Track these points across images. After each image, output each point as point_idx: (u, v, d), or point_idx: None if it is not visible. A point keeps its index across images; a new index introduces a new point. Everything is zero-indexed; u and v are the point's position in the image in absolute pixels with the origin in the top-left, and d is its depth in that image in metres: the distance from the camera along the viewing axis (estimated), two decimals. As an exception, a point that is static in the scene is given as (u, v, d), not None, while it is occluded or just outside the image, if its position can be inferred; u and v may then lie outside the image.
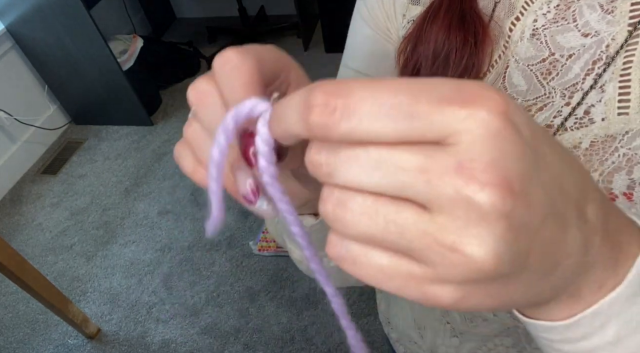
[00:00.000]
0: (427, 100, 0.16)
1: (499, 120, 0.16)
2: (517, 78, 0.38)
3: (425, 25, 0.40)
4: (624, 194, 0.33)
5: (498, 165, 0.16)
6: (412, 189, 0.17)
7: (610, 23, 0.34)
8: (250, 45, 0.25)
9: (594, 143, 0.35)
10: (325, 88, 0.18)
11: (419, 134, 0.17)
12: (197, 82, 0.24)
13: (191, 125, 0.26)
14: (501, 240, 0.16)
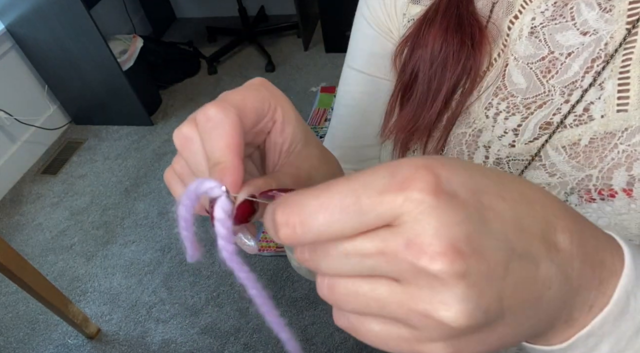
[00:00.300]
0: (368, 196, 0.19)
1: (431, 196, 0.18)
2: (516, 76, 0.39)
3: (423, 29, 0.41)
4: (623, 190, 0.33)
5: (441, 234, 0.18)
6: (379, 269, 0.19)
7: (608, 21, 0.34)
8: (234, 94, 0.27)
9: (593, 140, 0.35)
10: (282, 207, 0.20)
11: (370, 224, 0.19)
12: (182, 127, 0.26)
13: (179, 161, 0.28)
14: (465, 298, 0.18)
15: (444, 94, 0.41)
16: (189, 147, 0.26)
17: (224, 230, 0.23)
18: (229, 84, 2.69)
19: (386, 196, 0.18)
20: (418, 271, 0.18)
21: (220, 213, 0.23)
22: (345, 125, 0.53)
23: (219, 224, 0.23)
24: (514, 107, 0.39)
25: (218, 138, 0.24)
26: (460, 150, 0.42)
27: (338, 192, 0.19)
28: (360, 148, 0.53)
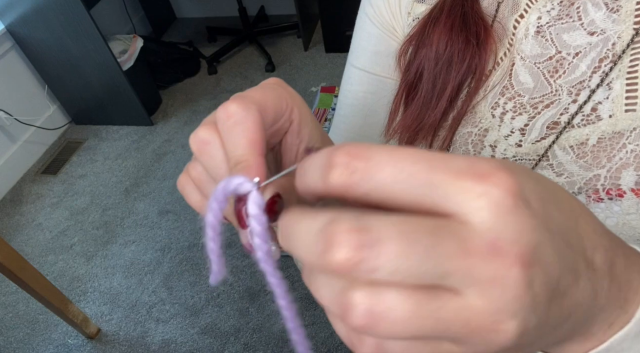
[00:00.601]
0: (443, 171, 0.17)
1: (512, 199, 0.16)
2: (523, 75, 0.39)
3: (427, 28, 0.41)
4: (632, 190, 0.33)
5: (520, 240, 0.16)
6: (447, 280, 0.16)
7: (615, 21, 0.34)
8: (253, 91, 0.25)
9: (601, 140, 0.35)
10: (347, 149, 0.18)
11: (432, 203, 0.17)
12: (198, 131, 0.25)
13: (195, 167, 0.27)
14: (529, 310, 0.17)
15: (449, 93, 0.40)
16: (207, 151, 0.25)
17: (259, 227, 0.21)
18: (229, 84, 2.69)
19: (463, 180, 0.17)
20: (495, 279, 0.16)
21: (255, 208, 0.21)
22: (348, 124, 0.53)
23: (254, 221, 0.21)
24: (521, 106, 0.39)
25: (240, 135, 0.23)
26: (466, 150, 0.42)
27: (413, 156, 0.17)
28: None
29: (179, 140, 2.39)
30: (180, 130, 2.45)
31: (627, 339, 0.22)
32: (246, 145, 0.23)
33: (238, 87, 2.65)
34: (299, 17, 2.66)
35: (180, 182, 0.28)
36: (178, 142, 2.38)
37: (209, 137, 0.25)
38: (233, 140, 0.23)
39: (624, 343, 0.22)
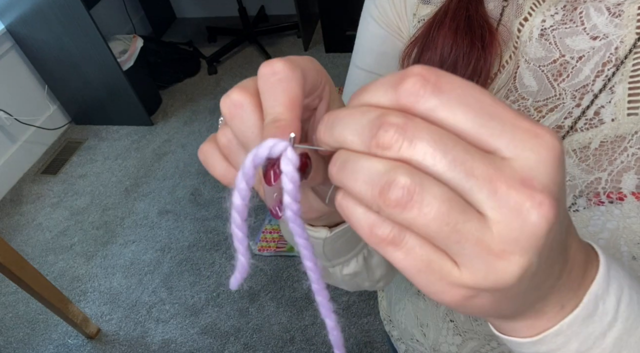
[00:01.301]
0: (506, 109, 0.18)
1: (560, 149, 0.18)
2: (528, 79, 0.39)
3: (432, 31, 0.41)
4: (632, 194, 0.33)
5: (553, 187, 0.18)
6: (477, 195, 0.18)
7: (618, 26, 0.34)
8: (294, 57, 0.25)
9: (603, 143, 0.35)
10: (423, 66, 0.19)
11: (489, 134, 0.18)
12: (231, 93, 0.24)
13: (225, 134, 0.26)
14: (537, 254, 0.18)
15: None
16: (239, 114, 0.24)
17: (292, 185, 0.21)
18: (229, 84, 2.69)
19: (522, 120, 0.18)
20: (519, 211, 0.17)
21: (288, 166, 0.21)
22: None
23: (287, 179, 0.21)
24: (525, 109, 0.39)
25: (282, 93, 0.23)
26: None
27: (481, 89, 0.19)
28: None
29: (179, 140, 2.39)
30: (180, 130, 2.45)
31: (575, 323, 0.23)
32: (287, 103, 0.23)
33: (238, 87, 2.65)
34: (299, 17, 2.66)
35: (203, 151, 0.27)
36: (178, 142, 2.38)
37: (242, 99, 0.24)
38: (275, 96, 0.23)
39: (573, 327, 0.23)
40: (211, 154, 0.27)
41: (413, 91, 0.18)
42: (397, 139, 0.18)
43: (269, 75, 0.23)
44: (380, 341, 1.52)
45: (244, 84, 0.25)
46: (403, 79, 0.19)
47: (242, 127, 0.24)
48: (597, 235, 0.35)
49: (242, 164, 0.22)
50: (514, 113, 0.18)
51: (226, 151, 0.26)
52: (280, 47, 2.89)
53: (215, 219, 1.98)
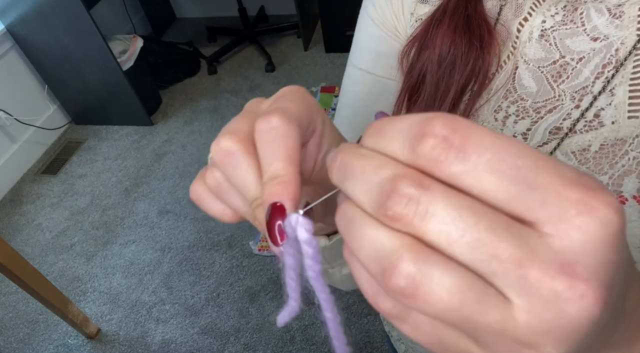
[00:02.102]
0: (549, 175, 0.15)
1: (617, 226, 0.15)
2: (527, 79, 0.38)
3: (430, 30, 0.40)
4: (634, 197, 0.33)
5: (600, 275, 0.15)
6: (501, 280, 0.15)
7: (619, 27, 0.34)
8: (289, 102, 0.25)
9: (603, 146, 0.35)
10: (445, 120, 0.16)
11: (525, 206, 0.15)
12: (221, 139, 0.24)
13: (213, 175, 0.26)
14: (575, 346, 0.15)
15: (452, 96, 0.40)
16: (231, 162, 0.24)
17: (311, 249, 0.22)
18: (229, 83, 2.69)
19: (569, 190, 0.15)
20: (554, 302, 0.15)
21: (304, 234, 0.22)
22: (350, 125, 0.52)
23: (306, 245, 0.22)
24: (524, 110, 0.39)
25: (280, 149, 0.23)
26: None
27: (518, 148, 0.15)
28: None
29: (179, 140, 2.39)
30: (180, 130, 2.45)
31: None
32: (286, 158, 0.22)
33: (238, 87, 2.65)
34: (299, 17, 2.66)
35: (195, 191, 0.27)
36: (178, 142, 2.38)
37: (233, 146, 0.24)
38: (273, 152, 0.23)
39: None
40: (203, 195, 0.27)
41: (432, 156, 0.16)
42: (407, 213, 0.16)
43: (266, 132, 0.23)
44: (380, 341, 1.52)
45: (233, 129, 0.24)
46: (422, 138, 0.16)
47: (234, 173, 0.24)
48: None
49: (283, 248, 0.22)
50: (562, 179, 0.15)
51: (217, 193, 0.26)
52: (280, 47, 2.89)
53: (215, 219, 1.97)
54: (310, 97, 0.27)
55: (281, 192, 0.22)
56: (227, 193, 0.26)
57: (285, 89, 0.27)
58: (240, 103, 2.54)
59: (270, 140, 0.23)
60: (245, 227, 1.92)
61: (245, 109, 0.27)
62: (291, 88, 0.27)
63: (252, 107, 0.27)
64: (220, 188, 0.26)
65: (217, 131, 1.04)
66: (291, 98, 0.25)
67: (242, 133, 0.24)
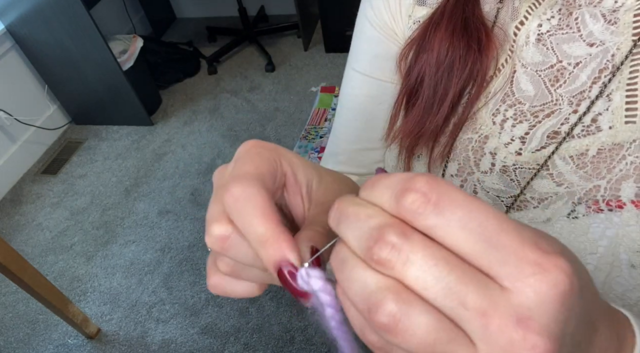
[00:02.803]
0: (511, 236, 0.17)
1: (562, 289, 0.17)
2: (525, 83, 0.38)
3: (428, 33, 0.40)
4: (631, 202, 0.33)
5: (551, 329, 0.17)
6: (468, 325, 0.17)
7: (614, 33, 0.34)
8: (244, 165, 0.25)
9: (601, 151, 0.35)
10: (428, 179, 0.18)
11: (489, 263, 0.17)
12: (211, 230, 0.25)
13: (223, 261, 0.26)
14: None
15: (450, 99, 0.40)
16: (230, 246, 0.24)
17: (329, 296, 0.22)
18: (229, 84, 2.69)
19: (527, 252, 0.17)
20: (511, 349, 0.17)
21: (318, 283, 0.22)
22: (349, 128, 0.52)
23: (323, 293, 0.23)
24: (521, 114, 0.39)
25: (252, 213, 0.23)
26: (466, 156, 0.42)
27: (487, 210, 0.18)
28: (365, 151, 0.52)
29: (179, 140, 2.39)
30: (180, 130, 2.45)
31: None
32: (261, 219, 0.23)
33: (238, 87, 2.65)
34: (299, 17, 2.66)
35: (215, 285, 0.27)
36: (178, 142, 2.38)
37: (224, 230, 0.24)
38: (246, 220, 0.23)
39: None
40: (224, 284, 0.27)
41: (412, 208, 0.18)
42: (390, 259, 0.18)
43: (233, 204, 0.23)
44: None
45: (215, 215, 0.25)
46: (405, 192, 0.18)
47: (239, 253, 0.25)
48: (597, 243, 0.35)
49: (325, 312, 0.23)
50: (521, 241, 0.17)
51: (235, 275, 0.26)
52: (280, 47, 2.89)
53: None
54: (263, 149, 0.27)
55: (276, 252, 0.22)
56: (244, 271, 0.26)
57: (240, 149, 0.27)
58: (240, 103, 2.54)
59: (239, 210, 0.23)
60: (245, 227, 1.92)
61: (215, 185, 0.28)
62: (244, 147, 0.27)
63: (218, 179, 0.27)
64: (235, 269, 0.26)
65: (217, 131, 1.05)
66: (247, 158, 0.26)
67: (224, 215, 0.25)
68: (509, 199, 0.40)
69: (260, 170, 0.25)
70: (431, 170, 0.44)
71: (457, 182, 0.43)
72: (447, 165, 0.43)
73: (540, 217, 0.38)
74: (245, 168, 0.25)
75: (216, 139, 2.34)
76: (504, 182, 0.40)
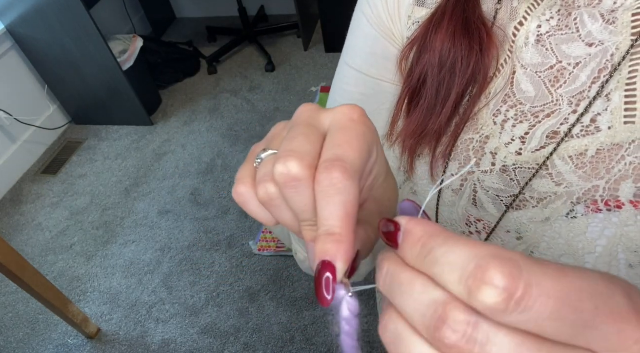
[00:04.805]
0: (607, 313, 0.16)
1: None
2: (525, 84, 0.38)
3: (430, 33, 0.40)
4: (630, 202, 0.33)
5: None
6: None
7: (613, 33, 0.34)
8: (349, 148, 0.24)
9: (600, 151, 0.35)
10: (505, 267, 0.16)
11: (586, 342, 0.16)
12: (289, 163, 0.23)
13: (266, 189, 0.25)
14: None
15: (453, 99, 0.40)
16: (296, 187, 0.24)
17: (350, 327, 0.23)
18: (229, 84, 2.69)
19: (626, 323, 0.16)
20: None
21: (347, 312, 0.22)
22: None
23: (345, 322, 0.23)
24: (522, 114, 0.39)
25: (338, 207, 0.22)
26: (467, 156, 0.42)
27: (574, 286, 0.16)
28: None
29: (179, 140, 2.39)
30: (180, 130, 2.45)
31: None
32: (342, 218, 0.23)
33: (238, 87, 2.65)
34: (299, 17, 2.66)
35: (242, 195, 0.27)
36: (178, 142, 2.38)
37: (301, 174, 0.23)
38: (330, 209, 0.23)
39: None
40: (251, 201, 0.27)
41: (490, 306, 0.16)
42: (466, 343, 0.17)
43: (327, 186, 0.23)
44: (380, 341, 1.52)
45: (299, 151, 0.24)
46: (480, 285, 0.16)
47: (296, 198, 0.24)
48: (595, 242, 0.35)
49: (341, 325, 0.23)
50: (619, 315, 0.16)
51: (266, 204, 0.26)
52: (280, 47, 2.89)
53: (215, 219, 1.98)
54: (371, 129, 0.26)
55: (334, 252, 0.22)
56: (278, 208, 0.26)
57: (343, 114, 0.26)
58: (240, 103, 2.54)
59: (330, 195, 0.23)
60: (245, 227, 1.92)
61: (301, 119, 0.26)
62: (350, 112, 0.26)
63: (308, 117, 0.26)
64: (272, 203, 0.25)
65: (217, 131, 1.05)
66: (356, 139, 0.25)
67: (309, 158, 0.24)
68: (508, 199, 0.40)
69: (362, 159, 0.24)
70: (433, 169, 0.44)
71: (457, 182, 0.43)
72: (448, 165, 0.43)
73: (539, 217, 0.38)
74: (352, 155, 0.24)
75: (216, 139, 2.34)
76: (503, 181, 0.40)
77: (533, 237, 0.39)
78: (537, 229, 0.38)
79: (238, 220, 1.95)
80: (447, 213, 0.45)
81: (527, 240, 0.39)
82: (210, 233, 1.93)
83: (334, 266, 0.22)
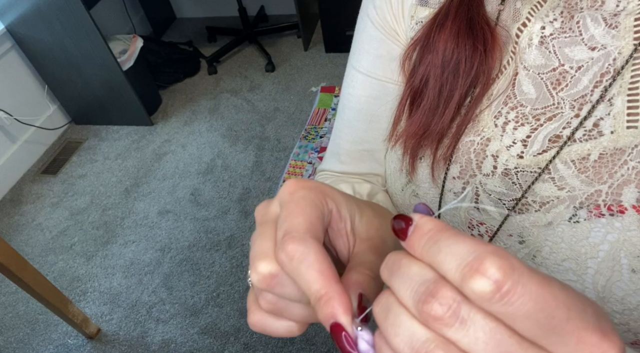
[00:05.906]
0: (576, 323, 0.18)
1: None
2: (526, 85, 0.38)
3: (433, 33, 0.40)
4: (633, 207, 0.33)
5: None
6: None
7: (615, 37, 0.34)
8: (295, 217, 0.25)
9: (602, 155, 0.35)
10: (502, 264, 0.18)
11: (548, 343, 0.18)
12: (258, 267, 0.25)
13: (265, 299, 0.26)
14: None
15: (456, 100, 0.40)
16: (278, 282, 0.25)
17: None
18: (229, 84, 2.69)
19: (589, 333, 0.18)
20: None
21: (364, 345, 0.23)
22: (351, 128, 0.52)
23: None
24: (523, 117, 0.38)
25: (308, 271, 0.23)
26: (468, 159, 0.41)
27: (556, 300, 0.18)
28: (366, 152, 0.52)
29: (179, 140, 2.39)
30: (180, 130, 2.45)
31: None
32: (318, 279, 0.23)
33: (238, 87, 2.65)
34: (299, 17, 2.66)
35: (257, 323, 0.28)
36: (178, 142, 2.38)
37: (273, 269, 0.25)
38: (304, 278, 0.24)
39: None
40: (266, 321, 0.28)
41: (479, 294, 0.18)
42: (449, 316, 0.18)
43: (289, 262, 0.24)
44: None
45: (262, 252, 0.25)
46: (475, 274, 0.18)
47: (286, 290, 0.25)
48: (598, 247, 0.35)
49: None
50: (585, 327, 0.18)
51: (276, 313, 0.27)
52: (280, 47, 2.89)
53: (215, 219, 1.98)
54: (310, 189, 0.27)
55: (331, 312, 0.23)
56: (285, 309, 0.26)
57: (283, 193, 0.27)
58: (240, 103, 2.54)
59: (295, 268, 0.24)
60: (245, 227, 1.92)
61: (258, 221, 0.28)
62: (287, 189, 0.27)
63: (262, 216, 0.28)
64: (278, 307, 0.26)
65: (217, 131, 1.06)
66: (293, 206, 0.26)
67: (271, 253, 0.25)
68: (510, 202, 0.40)
69: (310, 219, 0.25)
70: (434, 171, 0.43)
71: (459, 185, 0.42)
72: (449, 167, 0.43)
73: (542, 221, 0.38)
74: (295, 221, 0.25)
75: (216, 139, 2.34)
76: (505, 185, 0.40)
77: (535, 241, 0.38)
78: (540, 233, 0.38)
79: (238, 220, 1.95)
80: (450, 216, 0.45)
81: (530, 244, 0.39)
82: (210, 233, 1.93)
83: (340, 324, 0.23)
